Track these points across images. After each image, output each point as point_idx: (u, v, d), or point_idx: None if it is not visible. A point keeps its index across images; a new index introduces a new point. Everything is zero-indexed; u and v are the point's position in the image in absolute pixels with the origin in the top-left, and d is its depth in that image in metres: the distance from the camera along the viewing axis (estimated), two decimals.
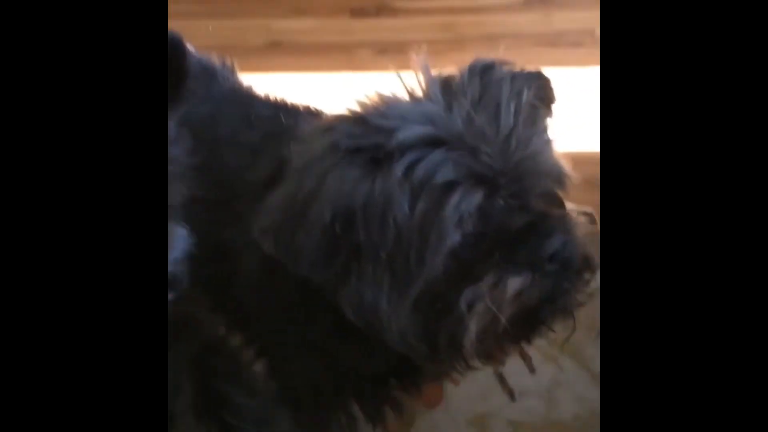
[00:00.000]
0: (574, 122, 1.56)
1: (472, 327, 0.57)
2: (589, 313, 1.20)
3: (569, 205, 0.64)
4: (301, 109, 0.87)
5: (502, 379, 1.13)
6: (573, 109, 1.62)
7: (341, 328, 0.63)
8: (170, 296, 0.56)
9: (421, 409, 1.09)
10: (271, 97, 0.91)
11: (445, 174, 0.55)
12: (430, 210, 0.55)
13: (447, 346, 0.59)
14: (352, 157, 0.56)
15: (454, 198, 0.55)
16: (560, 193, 0.64)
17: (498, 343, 0.61)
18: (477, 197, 0.55)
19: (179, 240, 0.61)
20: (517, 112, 0.58)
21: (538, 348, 1.16)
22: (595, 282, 0.63)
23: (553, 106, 0.67)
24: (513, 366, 1.14)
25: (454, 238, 0.55)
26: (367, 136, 0.57)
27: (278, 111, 0.85)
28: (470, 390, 1.11)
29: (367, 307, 0.58)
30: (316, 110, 0.86)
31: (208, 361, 0.73)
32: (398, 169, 0.55)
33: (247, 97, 0.90)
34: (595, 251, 0.60)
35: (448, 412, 1.08)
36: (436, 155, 0.55)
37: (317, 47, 1.62)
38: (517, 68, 0.63)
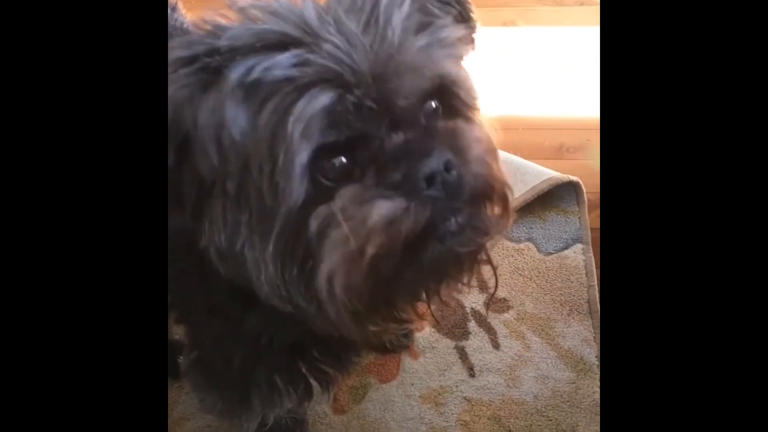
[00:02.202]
0: (573, 86, 1.49)
1: (328, 258, 0.46)
2: (564, 289, 1.15)
3: (476, 120, 0.54)
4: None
5: (462, 354, 1.06)
6: (573, 70, 1.54)
7: (238, 290, 0.54)
8: None
9: (374, 382, 1.03)
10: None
11: (288, 76, 0.44)
12: (275, 122, 0.45)
13: (328, 298, 0.47)
14: (187, 69, 0.46)
15: (300, 104, 0.44)
16: (459, 105, 0.53)
17: (372, 290, 0.48)
18: (323, 98, 0.45)
19: None
20: (390, 14, 0.47)
21: (505, 323, 1.10)
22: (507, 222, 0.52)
23: (473, 24, 0.57)
24: (476, 341, 1.08)
25: (303, 153, 0.45)
26: (200, 40, 0.47)
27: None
28: (428, 364, 1.05)
29: (229, 256, 0.48)
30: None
31: None
32: (233, 75, 0.45)
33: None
34: (501, 175, 0.50)
35: (402, 387, 1.02)
36: (281, 57, 0.45)
37: None
38: None
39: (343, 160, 0.47)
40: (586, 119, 1.42)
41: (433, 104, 0.51)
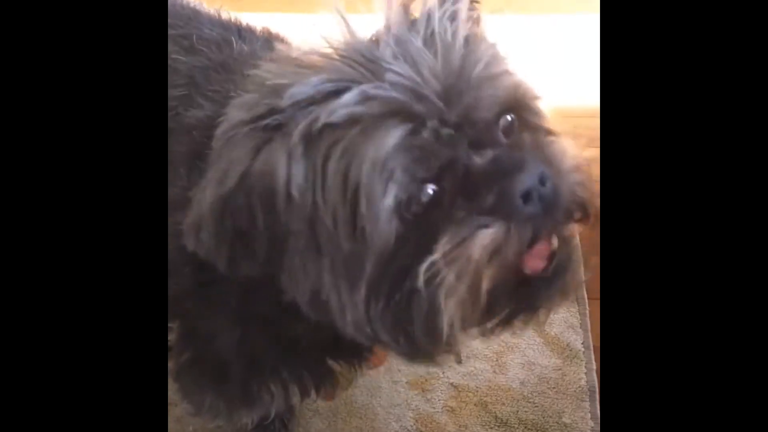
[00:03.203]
0: (571, 74, 1.49)
1: (446, 307, 0.44)
2: None
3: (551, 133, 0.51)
4: (258, 32, 0.75)
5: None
6: (572, 59, 1.54)
7: (291, 306, 0.53)
8: None
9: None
10: (223, 16, 0.78)
11: (352, 116, 0.42)
12: (345, 168, 0.43)
13: (424, 335, 0.45)
14: (248, 129, 0.45)
15: (370, 144, 0.42)
16: (533, 117, 0.51)
17: (488, 320, 0.47)
18: (395, 133, 0.42)
19: None
20: (447, 25, 0.45)
21: None
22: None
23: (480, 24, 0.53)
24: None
25: (389, 195, 0.42)
26: (260, 101, 0.46)
27: (229, 33, 0.72)
28: None
29: (315, 302, 0.47)
30: (278, 35, 0.74)
31: None
32: (296, 129, 0.43)
33: (191, 14, 0.76)
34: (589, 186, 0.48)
35: (389, 373, 1.02)
36: (344, 98, 0.43)
37: None
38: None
39: (430, 191, 0.45)
40: (574, 108, 1.42)
41: (509, 118, 0.49)
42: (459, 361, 0.52)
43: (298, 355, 0.65)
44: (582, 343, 1.06)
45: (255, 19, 0.80)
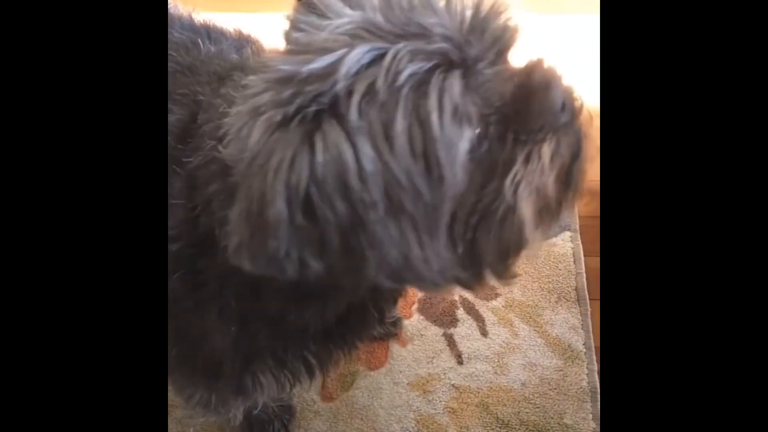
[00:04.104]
0: (571, 74, 1.49)
1: (526, 212, 0.50)
2: (552, 277, 1.15)
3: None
4: (227, 33, 0.74)
5: (451, 341, 1.06)
6: (572, 59, 1.54)
7: (299, 295, 0.55)
8: None
9: (363, 369, 1.02)
10: (194, 19, 0.77)
11: (410, 74, 0.44)
12: (411, 126, 0.44)
13: (498, 255, 0.51)
14: (288, 126, 0.45)
15: (432, 98, 0.44)
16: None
17: (552, 215, 0.53)
18: (456, 82, 0.45)
19: None
20: None
21: (493, 310, 1.10)
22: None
23: None
24: (464, 328, 1.08)
25: (464, 140, 0.46)
26: (300, 93, 0.45)
27: (197, 36, 0.72)
28: (416, 352, 1.05)
29: (398, 266, 0.48)
30: (247, 36, 0.74)
31: None
32: (351, 109, 0.44)
33: (160, 16, 0.76)
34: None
35: (390, 374, 1.02)
36: (390, 61, 0.44)
37: None
38: None
39: (493, 126, 0.49)
40: None
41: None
42: (513, 276, 0.56)
43: (300, 342, 0.65)
44: (583, 344, 1.05)
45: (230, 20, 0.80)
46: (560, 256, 1.16)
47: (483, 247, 0.50)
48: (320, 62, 0.45)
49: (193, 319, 0.62)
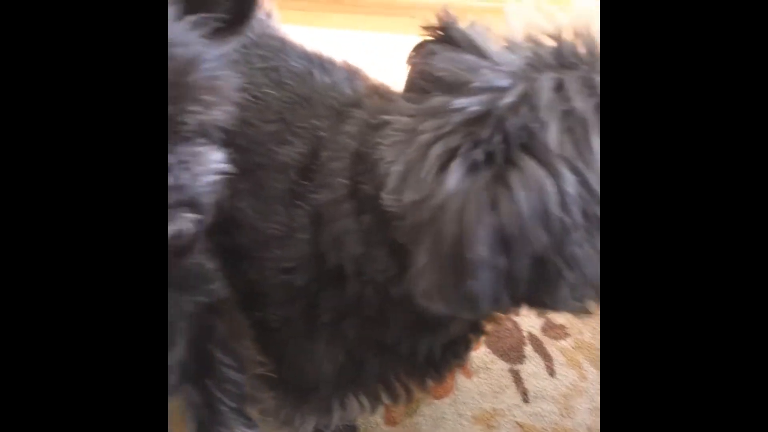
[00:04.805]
0: None
1: None
2: None
3: None
4: (338, 64, 0.76)
5: (517, 378, 1.06)
6: None
7: (420, 327, 0.57)
8: (192, 219, 0.50)
9: (427, 399, 1.03)
10: (307, 48, 0.80)
11: (584, 102, 0.45)
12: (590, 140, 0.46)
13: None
14: (480, 168, 0.45)
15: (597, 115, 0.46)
16: None
17: None
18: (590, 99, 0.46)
19: (211, 162, 0.53)
20: None
21: (561, 350, 1.08)
22: None
23: None
24: (531, 366, 1.07)
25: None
26: (499, 131, 0.46)
27: (312, 66, 0.74)
28: (482, 385, 1.05)
29: (595, 282, 0.47)
30: (355, 68, 0.76)
31: (207, 320, 0.67)
32: (551, 142, 0.45)
33: (279, 45, 0.78)
34: None
35: (454, 405, 1.02)
36: (565, 93, 0.46)
37: (378, 5, 1.53)
38: None
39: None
40: None
41: None
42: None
43: (403, 370, 0.66)
44: None
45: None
46: None
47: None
48: (510, 96, 0.45)
49: (304, 345, 0.64)
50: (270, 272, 0.65)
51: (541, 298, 0.48)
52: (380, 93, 0.66)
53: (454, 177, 0.45)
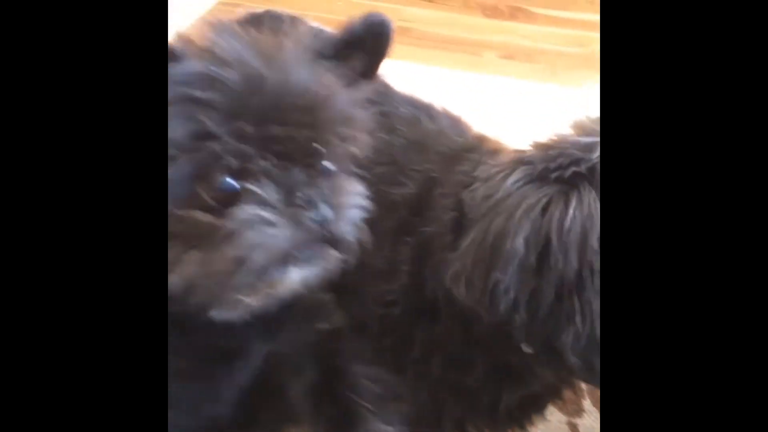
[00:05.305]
0: None
1: None
2: None
3: None
4: (441, 111, 0.78)
5: (574, 431, 1.07)
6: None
7: (503, 375, 0.59)
8: (341, 258, 0.51)
9: None
10: (409, 94, 0.81)
11: None
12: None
13: None
14: (543, 180, 0.50)
15: None
16: None
17: None
18: None
19: (354, 195, 0.53)
20: None
21: None
22: None
23: None
24: (590, 420, 1.08)
25: None
26: (563, 156, 0.51)
27: (419, 112, 0.76)
28: None
29: (592, 346, 0.49)
30: (456, 116, 0.78)
31: (331, 344, 0.67)
32: (596, 170, 0.49)
33: (383, 90, 0.79)
34: None
35: None
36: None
37: (444, 41, 1.57)
38: None
39: None
40: None
41: None
42: None
43: (482, 418, 0.68)
44: None
45: None
46: None
47: None
48: (585, 139, 0.52)
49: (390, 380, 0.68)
50: (373, 305, 0.68)
51: (549, 337, 0.50)
52: (488, 140, 0.71)
53: (515, 176, 0.50)
